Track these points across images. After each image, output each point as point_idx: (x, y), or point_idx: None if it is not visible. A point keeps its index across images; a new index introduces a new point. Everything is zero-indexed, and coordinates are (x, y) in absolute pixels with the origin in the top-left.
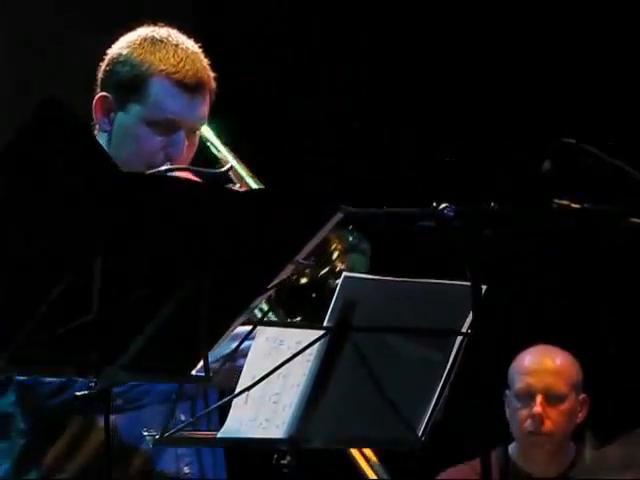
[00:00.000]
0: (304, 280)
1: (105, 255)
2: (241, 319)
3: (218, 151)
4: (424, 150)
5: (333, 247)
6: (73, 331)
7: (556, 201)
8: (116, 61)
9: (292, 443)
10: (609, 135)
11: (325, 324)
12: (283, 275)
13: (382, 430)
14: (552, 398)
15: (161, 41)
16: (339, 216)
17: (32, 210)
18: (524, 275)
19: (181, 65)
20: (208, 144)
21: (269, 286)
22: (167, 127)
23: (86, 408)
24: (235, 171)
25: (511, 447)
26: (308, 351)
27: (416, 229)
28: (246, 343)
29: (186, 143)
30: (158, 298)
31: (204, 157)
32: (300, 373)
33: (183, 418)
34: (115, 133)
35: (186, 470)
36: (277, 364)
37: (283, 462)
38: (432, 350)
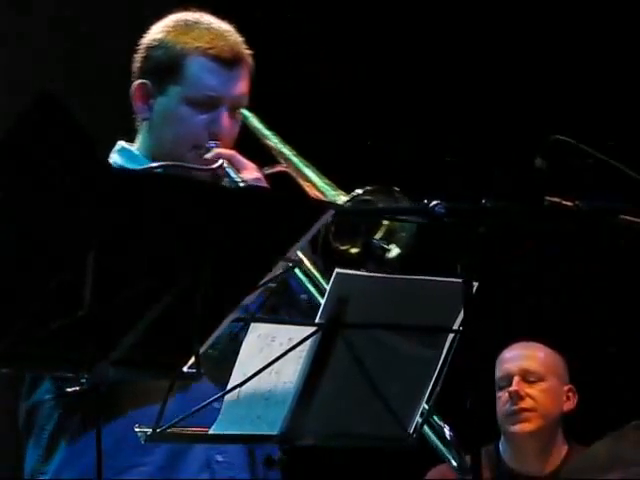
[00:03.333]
0: (355, 250)
1: (98, 252)
2: (232, 316)
3: (267, 139)
4: (416, 147)
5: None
6: (65, 327)
7: (548, 199)
8: (150, 47)
9: (284, 440)
10: (605, 133)
11: (317, 320)
12: (274, 272)
13: (374, 427)
14: (528, 377)
15: (194, 22)
16: (330, 213)
17: (25, 207)
18: (517, 272)
19: (216, 41)
20: (255, 131)
21: (260, 283)
22: (208, 104)
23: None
24: (295, 168)
25: (501, 444)
26: (300, 348)
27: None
28: None
29: (228, 120)
30: (150, 295)
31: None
32: (292, 370)
33: None
34: (156, 118)
35: (219, 458)
36: (269, 361)
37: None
38: (424, 347)
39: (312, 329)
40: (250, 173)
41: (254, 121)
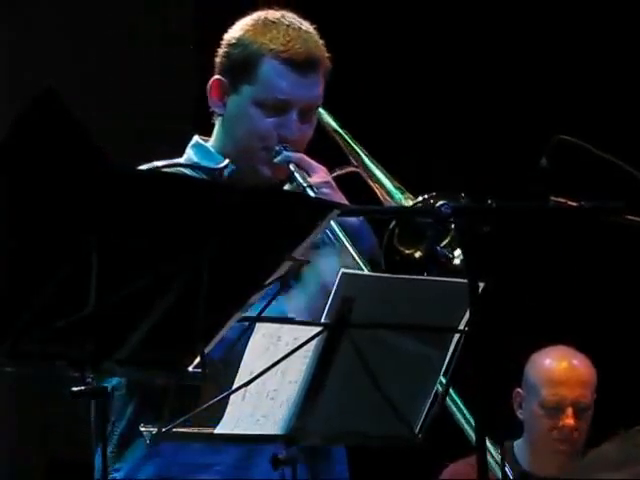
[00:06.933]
0: (418, 254)
1: (102, 250)
2: (238, 316)
3: (345, 143)
4: (424, 146)
5: None
6: (70, 326)
7: (553, 199)
8: (229, 44)
9: (289, 439)
10: (608, 132)
11: (323, 320)
12: (280, 272)
13: (380, 427)
14: (581, 410)
15: (273, 22)
16: (335, 213)
17: (28, 204)
18: (522, 272)
19: (291, 44)
20: (333, 134)
21: (265, 283)
22: (277, 107)
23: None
24: (366, 168)
25: (517, 444)
26: (306, 347)
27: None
28: None
29: (299, 124)
30: (155, 294)
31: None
32: (298, 369)
33: None
34: (228, 116)
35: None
36: (275, 360)
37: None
38: (430, 347)
39: (318, 329)
40: (319, 176)
41: (327, 118)
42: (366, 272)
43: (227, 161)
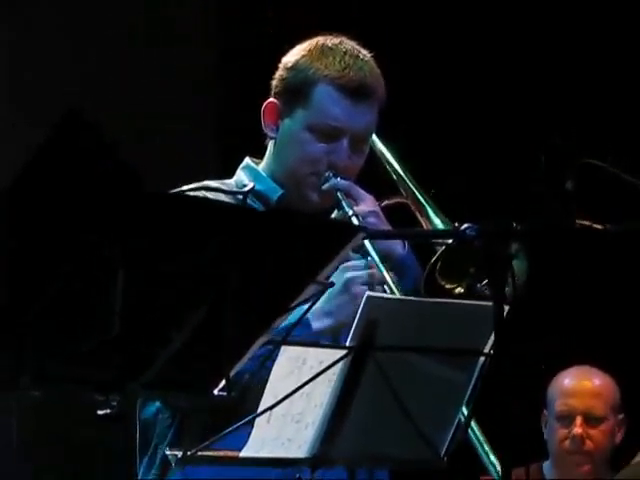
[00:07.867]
0: (460, 290)
1: (126, 272)
2: (263, 339)
3: (395, 173)
4: (446, 168)
5: None
6: (96, 348)
7: (579, 222)
8: (285, 67)
9: (315, 463)
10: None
11: (348, 343)
12: (305, 295)
13: (405, 450)
14: (592, 419)
15: (330, 48)
16: (361, 236)
17: (58, 227)
18: (547, 295)
19: (346, 71)
20: (385, 163)
21: (290, 306)
22: (329, 134)
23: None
24: (415, 200)
25: (546, 465)
26: (331, 370)
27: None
28: None
29: (349, 152)
30: (181, 317)
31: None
32: (323, 392)
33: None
34: (280, 139)
35: None
36: (300, 383)
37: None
38: (455, 370)
39: (343, 352)
40: (366, 205)
41: (380, 147)
42: (390, 295)
43: (251, 185)
